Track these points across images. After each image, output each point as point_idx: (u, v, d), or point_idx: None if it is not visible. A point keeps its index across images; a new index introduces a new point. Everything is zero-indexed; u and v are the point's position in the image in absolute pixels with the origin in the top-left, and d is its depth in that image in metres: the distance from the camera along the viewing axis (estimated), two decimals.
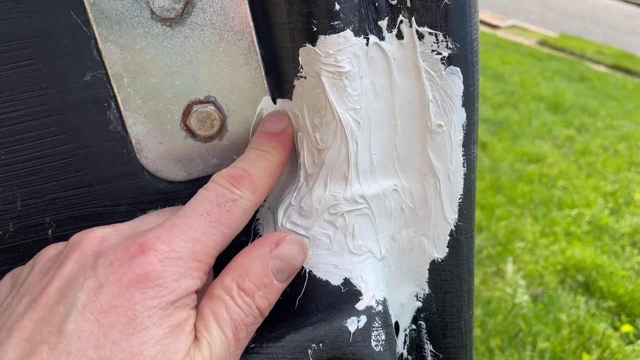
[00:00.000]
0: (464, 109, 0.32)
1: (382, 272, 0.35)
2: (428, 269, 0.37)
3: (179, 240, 0.29)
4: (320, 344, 0.30)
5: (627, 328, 1.93)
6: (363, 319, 0.32)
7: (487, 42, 5.71)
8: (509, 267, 2.20)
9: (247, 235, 0.37)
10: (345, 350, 0.31)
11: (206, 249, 0.29)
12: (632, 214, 2.67)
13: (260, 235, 0.37)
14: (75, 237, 0.30)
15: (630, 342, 1.88)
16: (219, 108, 0.35)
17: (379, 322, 0.32)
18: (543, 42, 5.96)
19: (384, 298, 0.34)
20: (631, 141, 3.48)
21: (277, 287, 0.31)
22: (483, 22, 6.72)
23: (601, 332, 1.87)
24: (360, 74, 0.31)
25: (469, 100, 0.32)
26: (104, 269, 0.27)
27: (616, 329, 1.94)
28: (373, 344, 0.31)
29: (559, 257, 2.28)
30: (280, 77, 0.34)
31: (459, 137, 0.33)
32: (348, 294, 0.33)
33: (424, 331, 0.38)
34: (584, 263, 2.22)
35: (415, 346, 0.39)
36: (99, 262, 0.28)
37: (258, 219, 0.38)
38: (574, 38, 6.14)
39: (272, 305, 0.32)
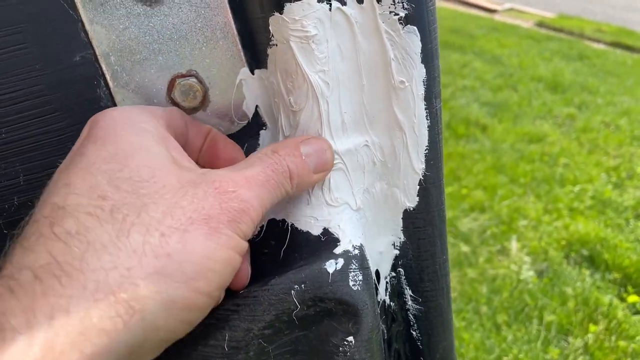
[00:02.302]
0: (423, 65, 0.35)
1: (358, 222, 0.38)
2: (402, 218, 0.39)
3: None
4: (302, 285, 0.33)
5: (633, 298, 1.95)
6: (340, 261, 0.35)
7: (484, 26, 5.71)
8: (513, 245, 2.23)
9: None
10: (326, 290, 0.33)
11: None
12: (635, 187, 2.68)
13: None
14: None
15: (637, 312, 1.90)
16: (200, 81, 0.38)
17: (356, 265, 0.35)
18: (541, 24, 5.93)
19: (361, 244, 0.36)
20: (632, 116, 3.48)
21: (307, 168, 0.34)
22: (480, 7, 6.71)
23: (607, 303, 1.89)
24: (325, 37, 0.34)
25: (428, 56, 0.35)
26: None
27: (623, 300, 1.96)
28: (351, 283, 0.34)
29: (562, 233, 2.30)
30: (256, 48, 0.37)
31: (421, 91, 0.35)
32: (327, 241, 0.36)
33: (403, 277, 0.41)
34: (588, 237, 2.23)
35: (396, 292, 0.42)
36: None
37: None
38: (572, 18, 6.11)
39: (300, 184, 0.34)
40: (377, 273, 0.40)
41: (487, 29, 5.58)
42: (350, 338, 0.34)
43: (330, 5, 0.33)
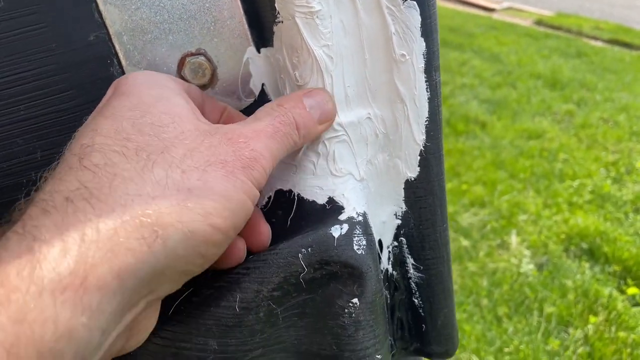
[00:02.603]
0: (423, 39, 0.36)
1: (362, 192, 0.39)
2: (403, 188, 0.41)
3: None
4: (309, 249, 0.35)
5: (633, 290, 1.96)
6: (345, 226, 0.36)
7: (482, 24, 5.73)
8: (513, 239, 2.24)
9: None
10: (331, 253, 0.35)
11: None
12: (634, 181, 2.69)
13: None
14: None
15: (637, 304, 1.91)
16: (209, 59, 0.40)
17: (360, 230, 0.36)
18: (539, 22, 5.95)
19: (364, 211, 0.38)
20: (631, 112, 3.50)
21: (312, 119, 0.35)
22: (478, 6, 6.73)
23: (607, 295, 1.91)
24: (329, 13, 0.35)
25: (427, 30, 0.36)
26: None
27: (622, 292, 1.97)
28: (355, 247, 0.36)
29: (562, 227, 2.31)
30: (262, 27, 0.39)
31: (421, 64, 0.37)
32: (332, 209, 0.38)
33: (405, 246, 0.43)
34: (587, 231, 2.25)
35: (398, 261, 0.43)
36: None
37: None
38: (570, 16, 6.13)
39: (306, 135, 0.35)
40: (380, 243, 0.42)
41: (485, 27, 5.60)
42: (355, 300, 0.36)
43: None
